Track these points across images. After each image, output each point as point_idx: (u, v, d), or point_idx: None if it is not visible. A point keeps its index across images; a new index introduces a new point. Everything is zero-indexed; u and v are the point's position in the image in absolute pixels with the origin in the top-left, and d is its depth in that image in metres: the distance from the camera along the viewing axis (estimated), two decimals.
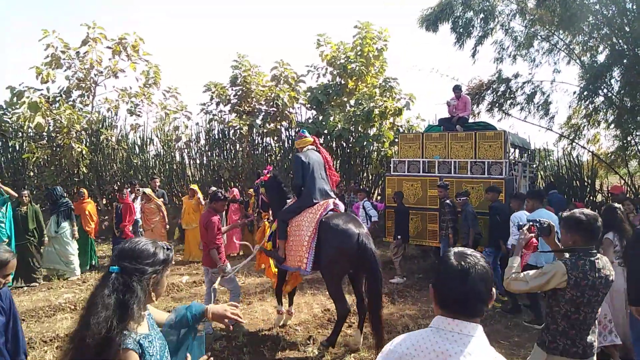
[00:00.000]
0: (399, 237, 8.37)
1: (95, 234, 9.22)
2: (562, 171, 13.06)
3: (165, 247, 1.88)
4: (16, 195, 7.93)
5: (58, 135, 12.66)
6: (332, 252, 4.80)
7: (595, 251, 2.70)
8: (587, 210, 2.73)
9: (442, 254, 5.64)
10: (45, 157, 12.78)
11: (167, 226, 9.74)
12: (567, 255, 2.75)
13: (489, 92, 15.16)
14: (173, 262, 2.05)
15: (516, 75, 14.80)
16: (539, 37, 14.04)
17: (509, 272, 2.81)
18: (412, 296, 7.31)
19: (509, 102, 15.12)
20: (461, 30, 13.91)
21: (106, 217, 13.59)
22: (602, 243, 4.52)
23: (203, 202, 9.80)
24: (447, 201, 7.77)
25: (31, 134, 13.24)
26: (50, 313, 6.08)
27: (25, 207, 7.84)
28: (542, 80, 14.80)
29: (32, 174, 13.98)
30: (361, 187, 12.20)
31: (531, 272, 2.74)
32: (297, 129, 14.19)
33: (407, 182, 8.99)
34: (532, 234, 2.86)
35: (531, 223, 2.91)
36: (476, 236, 7.32)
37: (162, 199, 10.03)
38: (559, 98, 28.87)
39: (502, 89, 14.98)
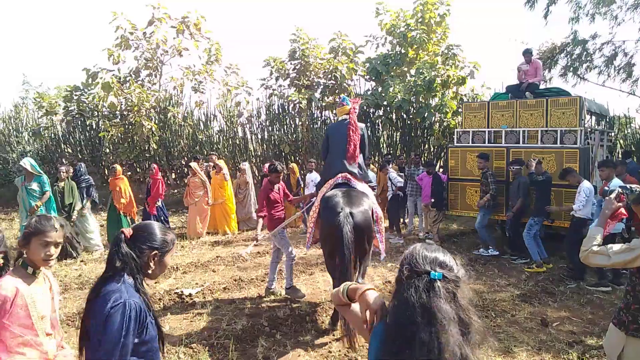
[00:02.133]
0: (432, 200, 8.70)
1: (130, 210, 8.91)
2: None
3: None
4: None
5: (130, 113, 13.37)
6: (322, 229, 4.76)
7: None
8: None
9: (479, 221, 5.45)
10: (119, 134, 13.56)
11: (210, 201, 9.62)
12: None
13: (562, 55, 14.11)
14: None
15: (594, 36, 13.64)
16: None
17: (589, 243, 2.57)
18: (477, 270, 7.11)
19: (585, 65, 14.00)
20: None
21: (176, 191, 14.34)
22: None
23: (228, 178, 9.96)
24: (488, 172, 7.88)
25: (106, 112, 14.08)
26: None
27: (62, 183, 7.96)
28: (625, 40, 13.52)
29: (107, 150, 14.93)
30: (422, 159, 11.92)
31: (615, 246, 2.51)
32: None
33: (472, 154, 8.64)
34: (621, 203, 2.61)
35: (620, 190, 2.64)
36: (524, 206, 7.43)
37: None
38: None
39: (577, 51, 13.87)
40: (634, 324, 2.51)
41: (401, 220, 10.66)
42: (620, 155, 11.72)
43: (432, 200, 8.79)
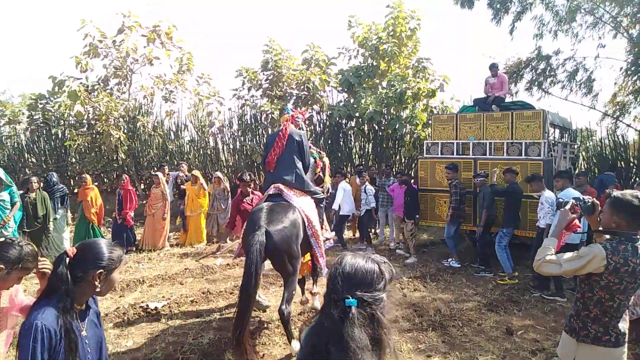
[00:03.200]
0: (417, 217, 8.63)
1: (99, 220, 8.80)
2: (605, 151, 12.46)
3: None
4: None
5: (97, 122, 13.05)
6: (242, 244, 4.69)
7: (638, 236, 2.51)
8: None
9: (446, 232, 5.46)
10: (86, 144, 13.20)
11: (167, 214, 9.42)
12: (606, 237, 2.58)
13: (527, 70, 14.62)
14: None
15: (557, 52, 14.21)
16: (583, 11, 13.34)
17: (543, 253, 2.62)
18: (445, 280, 7.20)
19: (549, 80, 14.55)
20: (498, 5, 13.42)
21: (144, 202, 14.03)
22: None
23: (206, 188, 9.81)
24: (454, 183, 7.91)
25: (72, 121, 13.71)
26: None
27: (33, 194, 7.68)
28: (585, 56, 14.19)
29: (74, 160, 14.51)
30: (393, 170, 12.06)
31: (566, 254, 2.57)
32: (328, 113, 14.12)
33: (440, 165, 8.79)
34: (575, 215, 2.68)
35: (574, 202, 2.72)
36: (490, 217, 7.49)
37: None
38: (603, 75, 27.72)
39: (541, 66, 14.40)
40: (584, 330, 2.57)
41: (372, 230, 10.74)
42: (582, 167, 12.16)
43: (405, 212, 8.67)
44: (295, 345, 4.26)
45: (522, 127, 8.26)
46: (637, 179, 11.73)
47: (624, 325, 2.54)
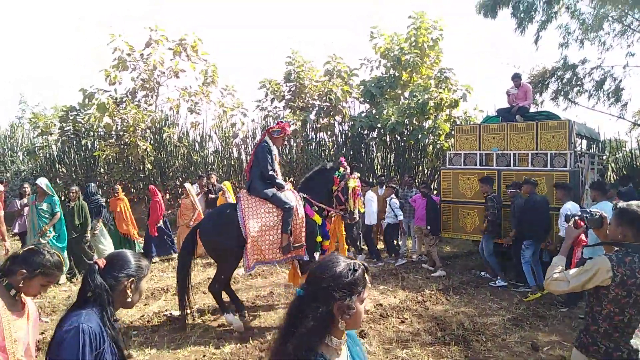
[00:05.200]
0: (429, 227, 8.54)
1: (130, 232, 9.01)
2: (636, 162, 12.12)
3: None
4: None
5: (125, 133, 13.42)
6: None
7: None
8: None
9: (485, 249, 5.44)
10: (114, 154, 13.57)
11: (192, 223, 9.08)
12: (614, 249, 2.52)
13: (553, 79, 14.36)
14: None
15: (583, 61, 13.92)
16: (610, 18, 13.07)
17: (551, 271, 2.57)
18: (469, 293, 7.09)
19: (575, 89, 14.25)
20: (522, 14, 13.27)
21: (169, 212, 14.30)
22: None
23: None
24: (490, 196, 7.62)
25: (101, 133, 14.13)
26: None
27: (72, 203, 7.88)
28: (613, 65, 13.81)
29: (102, 170, 14.92)
30: (415, 180, 11.99)
31: (572, 270, 2.52)
32: (350, 123, 14.16)
33: (463, 176, 8.71)
34: (579, 229, 2.63)
35: (579, 216, 2.67)
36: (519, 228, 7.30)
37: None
38: (632, 84, 26.92)
39: (567, 76, 14.13)
40: (593, 345, 2.50)
41: (395, 241, 10.67)
42: (612, 179, 11.85)
43: (428, 227, 8.59)
44: (228, 317, 5.43)
45: (547, 138, 8.12)
46: None
47: (637, 342, 2.46)
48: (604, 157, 11.41)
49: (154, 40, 14.19)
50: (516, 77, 9.09)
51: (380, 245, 10.18)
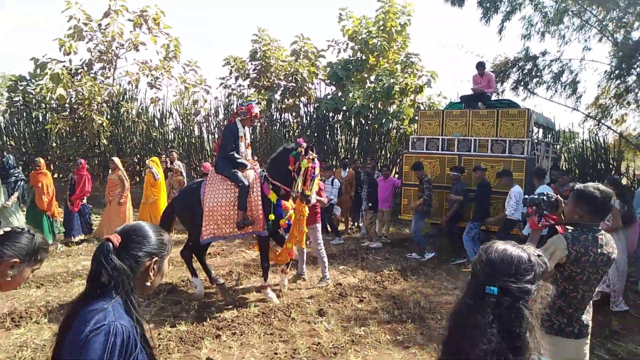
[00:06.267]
0: (370, 204, 9.08)
1: (51, 208, 8.35)
2: (587, 153, 12.66)
3: None
4: None
5: (80, 107, 12.83)
6: None
7: (599, 227, 2.54)
8: (603, 187, 2.55)
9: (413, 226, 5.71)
10: (67, 128, 12.97)
11: (122, 200, 8.75)
12: (569, 230, 2.60)
13: (514, 70, 14.71)
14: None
15: (544, 53, 14.32)
16: (570, 13, 13.48)
17: None
18: (426, 274, 7.24)
19: (535, 80, 14.67)
20: (488, 4, 13.46)
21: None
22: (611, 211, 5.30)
23: (157, 176, 9.19)
24: (426, 179, 8.17)
25: (54, 105, 13.44)
26: (69, 279, 6.24)
27: None
28: (571, 58, 14.33)
29: (55, 144, 14.24)
30: (379, 164, 12.08)
31: None
32: (315, 105, 14.07)
33: (425, 160, 8.82)
34: (533, 216, 2.74)
35: (538, 198, 2.74)
36: (462, 209, 7.98)
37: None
38: (587, 77, 28.14)
39: (528, 66, 14.51)
40: (548, 322, 2.55)
41: (355, 223, 10.77)
42: (564, 167, 12.35)
43: (370, 204, 9.17)
44: (195, 280, 5.86)
45: (506, 125, 8.33)
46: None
47: (587, 318, 2.57)
48: (558, 147, 11.86)
49: (113, 10, 13.54)
50: (480, 66, 9.24)
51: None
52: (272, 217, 5.58)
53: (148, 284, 1.66)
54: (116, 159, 9.22)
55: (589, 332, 2.60)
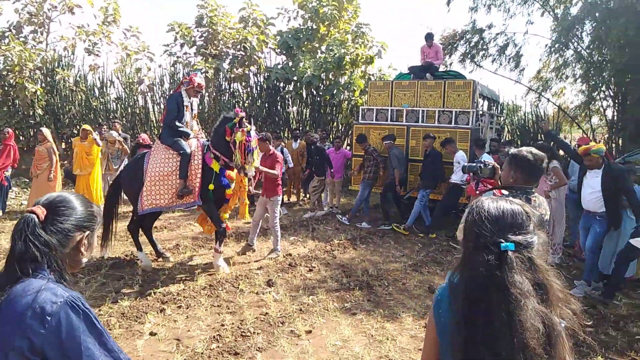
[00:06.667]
0: (315, 171, 9.40)
1: None
2: (528, 124, 13.21)
3: None
4: None
5: (9, 73, 11.83)
6: None
7: (532, 190, 2.62)
8: (536, 150, 2.63)
9: (360, 195, 7.22)
10: None
11: (52, 175, 8.26)
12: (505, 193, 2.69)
13: (462, 42, 14.96)
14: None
15: (490, 26, 14.63)
16: None
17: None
18: (374, 242, 7.39)
19: (481, 53, 15.00)
20: None
21: (65, 162, 13.10)
22: (552, 170, 5.96)
23: (100, 143, 8.74)
24: (370, 149, 8.44)
25: None
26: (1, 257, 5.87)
27: None
28: (515, 32, 14.76)
29: None
30: (330, 136, 12.05)
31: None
32: (266, 75, 13.76)
33: (375, 131, 8.89)
34: (470, 183, 2.81)
35: (475, 165, 2.81)
36: (402, 176, 8.23)
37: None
38: (530, 51, 29.09)
39: (475, 39, 14.79)
40: None
41: (307, 195, 10.78)
42: (506, 138, 12.85)
43: (315, 170, 9.45)
44: (140, 254, 5.77)
45: (453, 97, 8.49)
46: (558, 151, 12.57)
47: None
48: (502, 118, 12.28)
49: None
50: (429, 37, 9.30)
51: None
52: (211, 186, 5.50)
53: (79, 259, 1.52)
54: (45, 130, 8.61)
55: None
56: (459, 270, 1.33)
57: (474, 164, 2.82)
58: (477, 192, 2.80)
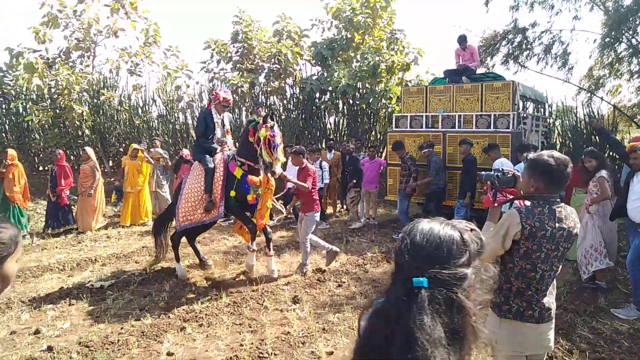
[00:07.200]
0: (354, 181, 8.97)
1: (21, 200, 8.02)
2: (580, 125, 12.35)
3: None
4: None
5: (59, 97, 12.47)
6: None
7: (558, 199, 2.29)
8: (558, 154, 2.28)
9: (399, 206, 5.49)
10: (49, 119, 12.64)
11: (91, 192, 8.58)
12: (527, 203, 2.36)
13: (503, 43, 14.31)
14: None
15: (533, 25, 13.89)
16: None
17: None
18: None
19: (525, 53, 14.29)
20: None
21: (112, 179, 13.60)
22: (598, 180, 5.23)
23: (152, 161, 9.17)
24: (407, 157, 7.97)
25: (33, 96, 13.09)
26: (38, 273, 6.03)
27: None
28: (562, 29, 13.90)
29: (37, 136, 13.93)
30: (366, 145, 11.79)
31: (489, 232, 2.36)
32: (301, 86, 13.74)
33: (409, 138, 8.57)
34: (489, 193, 2.49)
35: (492, 174, 2.49)
36: (438, 186, 7.62)
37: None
38: (579, 48, 27.70)
39: (518, 39, 14.11)
40: (505, 304, 2.35)
41: (344, 206, 10.55)
42: (557, 142, 12.08)
43: (349, 181, 9.18)
44: (178, 266, 5.93)
45: (491, 99, 8.04)
46: (612, 152, 11.65)
47: (549, 300, 2.34)
48: (550, 121, 11.55)
49: None
50: (462, 39, 8.92)
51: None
52: (232, 193, 5.47)
53: None
54: (89, 149, 9.03)
55: (552, 316, 2.36)
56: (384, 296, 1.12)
57: (491, 173, 2.51)
58: (496, 203, 2.48)
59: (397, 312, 1.03)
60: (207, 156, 5.67)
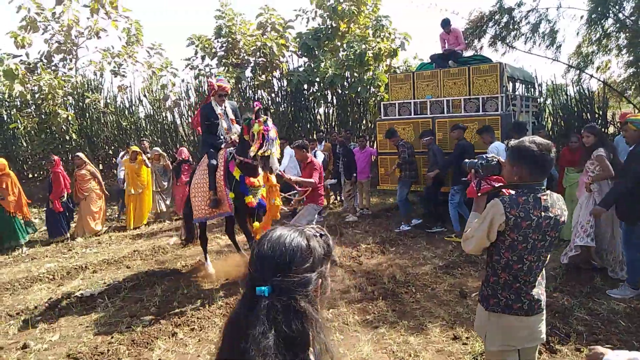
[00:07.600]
0: (354, 175, 8.80)
1: (20, 209, 7.83)
2: (571, 103, 12.27)
3: None
4: None
5: (43, 102, 12.28)
6: None
7: (543, 187, 2.21)
8: (539, 139, 2.19)
9: (398, 195, 5.40)
10: (34, 125, 12.45)
11: (103, 195, 8.81)
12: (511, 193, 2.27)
13: (490, 24, 14.14)
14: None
15: (519, 4, 13.70)
16: None
17: (466, 231, 2.33)
18: (405, 244, 6.99)
19: (512, 34, 14.12)
20: None
21: (104, 182, 13.44)
22: (596, 159, 4.97)
23: (150, 164, 9.20)
24: (401, 143, 7.77)
25: (17, 103, 12.88)
26: (27, 284, 5.92)
27: None
28: (548, 7, 13.72)
29: (24, 143, 13.74)
30: (356, 135, 11.68)
31: (474, 223, 2.29)
32: (289, 79, 13.58)
33: (399, 126, 8.46)
34: (474, 180, 2.39)
35: (476, 162, 2.38)
36: (439, 174, 7.39)
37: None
38: (566, 25, 27.40)
39: (504, 19, 13.93)
40: (493, 298, 2.29)
41: (338, 198, 10.49)
42: (549, 121, 12.00)
43: (344, 172, 9.03)
44: (207, 263, 6.02)
45: (479, 82, 7.94)
46: (605, 129, 11.57)
47: (538, 291, 2.26)
48: (540, 100, 11.46)
49: None
50: (445, 23, 8.79)
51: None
52: (232, 195, 5.31)
53: None
54: (81, 154, 8.98)
55: (543, 307, 2.29)
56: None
57: (476, 160, 2.40)
58: (479, 193, 2.37)
59: (243, 321, 1.03)
60: (212, 151, 5.56)
